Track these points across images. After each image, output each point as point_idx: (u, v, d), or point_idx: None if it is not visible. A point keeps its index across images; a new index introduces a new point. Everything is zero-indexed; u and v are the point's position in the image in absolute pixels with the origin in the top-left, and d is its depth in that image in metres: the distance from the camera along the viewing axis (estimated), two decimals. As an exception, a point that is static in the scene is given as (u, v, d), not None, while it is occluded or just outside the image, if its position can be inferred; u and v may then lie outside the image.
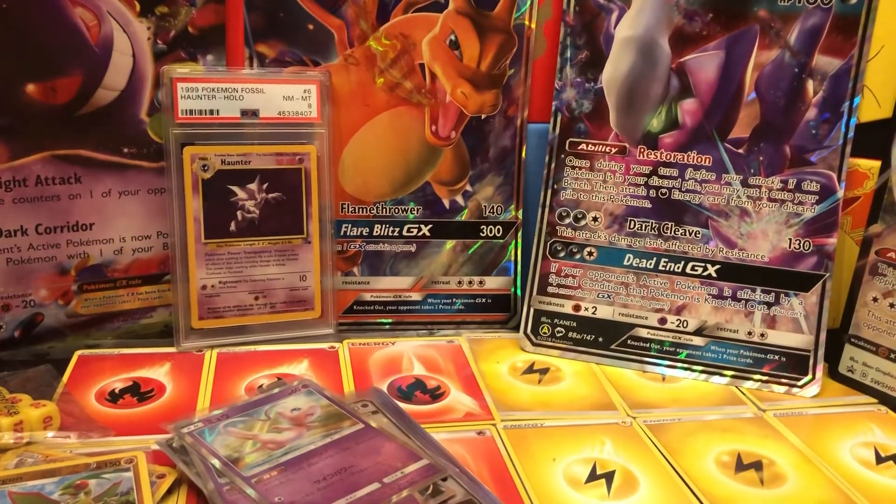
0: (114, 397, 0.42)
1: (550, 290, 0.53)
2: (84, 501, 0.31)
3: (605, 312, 0.52)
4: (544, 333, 0.52)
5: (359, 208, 0.53)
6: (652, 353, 0.51)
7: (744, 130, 0.50)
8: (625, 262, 0.52)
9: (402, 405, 0.42)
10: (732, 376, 0.50)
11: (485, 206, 0.55)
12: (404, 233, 0.54)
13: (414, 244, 0.54)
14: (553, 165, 0.54)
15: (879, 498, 0.38)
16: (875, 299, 0.49)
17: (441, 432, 0.40)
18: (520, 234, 0.55)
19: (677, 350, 0.51)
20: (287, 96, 0.49)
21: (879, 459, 0.41)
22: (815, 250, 0.49)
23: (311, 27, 0.50)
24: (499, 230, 0.55)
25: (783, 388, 0.49)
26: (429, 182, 0.54)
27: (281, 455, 0.34)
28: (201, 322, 0.49)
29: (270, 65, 0.50)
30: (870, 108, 0.50)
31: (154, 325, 0.51)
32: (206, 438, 0.35)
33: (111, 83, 0.46)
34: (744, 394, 0.48)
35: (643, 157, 0.52)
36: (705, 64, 0.51)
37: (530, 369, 0.49)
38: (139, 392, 0.43)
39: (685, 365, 0.50)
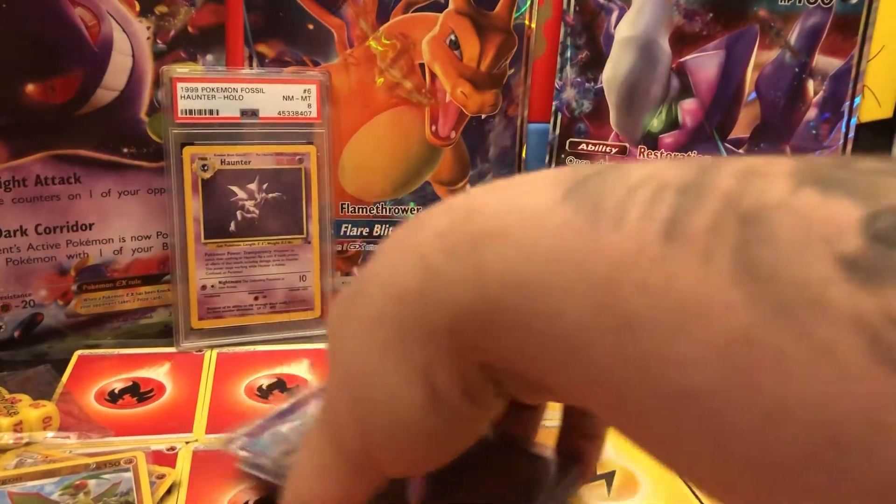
0: (113, 397, 0.42)
1: (550, 290, 0.52)
2: (84, 502, 0.31)
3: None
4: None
5: (359, 208, 0.53)
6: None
7: (744, 130, 0.50)
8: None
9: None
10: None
11: (485, 206, 0.55)
12: (404, 233, 0.54)
13: (414, 244, 0.54)
14: (553, 165, 0.54)
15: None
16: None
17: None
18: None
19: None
20: (287, 96, 0.49)
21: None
22: (815, 250, 0.49)
23: (311, 27, 0.50)
24: (499, 230, 0.55)
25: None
26: (429, 182, 0.54)
27: None
28: (201, 322, 0.49)
29: (270, 65, 0.50)
30: (870, 109, 0.50)
31: (154, 325, 0.51)
32: (259, 448, 0.34)
33: (111, 83, 0.46)
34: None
35: (643, 157, 0.52)
36: (705, 64, 0.51)
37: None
38: (139, 392, 0.43)
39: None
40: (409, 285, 0.18)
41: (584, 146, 0.53)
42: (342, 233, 0.53)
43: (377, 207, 0.53)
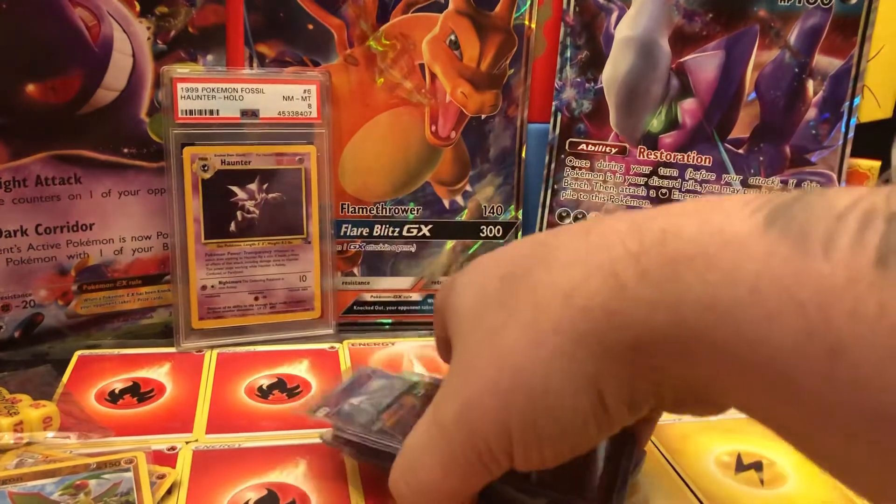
0: (114, 397, 0.42)
1: (550, 290, 0.52)
2: (84, 502, 0.31)
3: (605, 312, 0.52)
4: (544, 334, 0.52)
5: (359, 208, 0.53)
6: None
7: (744, 130, 0.50)
8: (625, 263, 0.51)
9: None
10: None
11: (485, 207, 0.55)
12: (404, 233, 0.54)
13: (414, 244, 0.54)
14: (553, 165, 0.54)
15: (880, 498, 0.38)
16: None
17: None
18: (520, 234, 0.55)
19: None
20: (287, 96, 0.49)
21: (880, 460, 0.41)
22: (815, 250, 0.49)
23: (310, 27, 0.50)
24: (499, 230, 0.55)
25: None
26: (429, 182, 0.54)
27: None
28: (201, 322, 0.49)
29: (270, 65, 0.50)
30: (870, 109, 0.50)
31: (154, 325, 0.51)
32: (343, 419, 0.34)
33: (111, 83, 0.46)
34: (744, 394, 0.48)
35: (643, 157, 0.52)
36: (705, 64, 0.51)
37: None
38: (139, 392, 0.43)
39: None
40: (594, 301, 0.18)
41: (584, 146, 0.53)
42: (342, 233, 0.53)
43: (377, 208, 0.53)
